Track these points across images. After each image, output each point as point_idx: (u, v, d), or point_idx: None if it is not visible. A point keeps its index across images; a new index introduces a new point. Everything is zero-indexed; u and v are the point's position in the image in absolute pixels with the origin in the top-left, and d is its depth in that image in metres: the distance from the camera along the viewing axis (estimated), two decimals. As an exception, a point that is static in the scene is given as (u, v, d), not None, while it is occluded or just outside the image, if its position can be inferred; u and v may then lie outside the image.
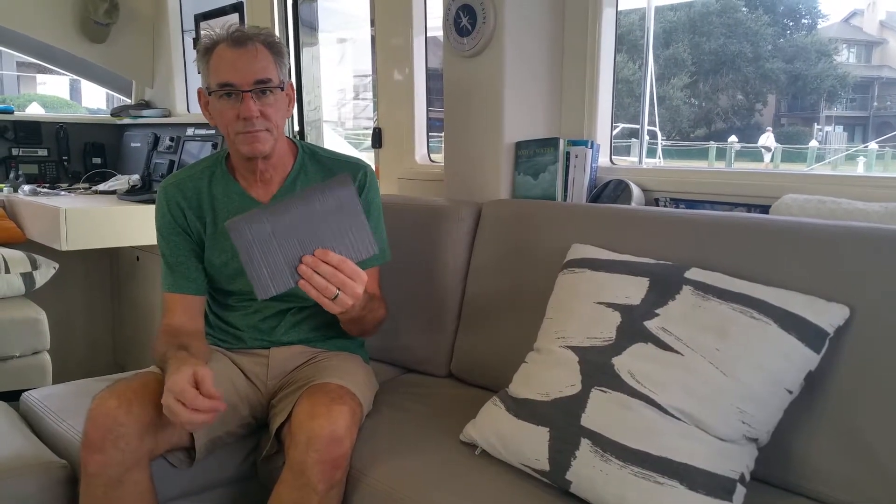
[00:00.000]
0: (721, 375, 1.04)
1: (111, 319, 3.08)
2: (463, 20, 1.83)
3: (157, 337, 1.39)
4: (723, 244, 1.27)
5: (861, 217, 1.25)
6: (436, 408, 1.51)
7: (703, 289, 1.15)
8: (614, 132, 2.03)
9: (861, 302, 1.09)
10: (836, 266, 1.14)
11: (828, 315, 1.07)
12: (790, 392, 1.06)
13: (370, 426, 1.42)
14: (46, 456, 1.33)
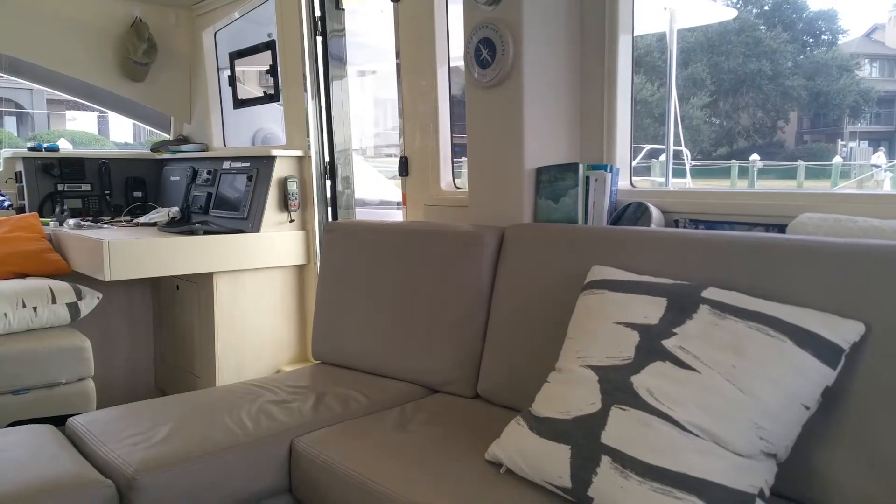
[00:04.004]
0: (738, 392, 1.07)
1: (152, 346, 3.18)
2: (483, 53, 1.90)
3: None
4: (740, 263, 1.30)
5: (877, 235, 1.27)
6: (462, 427, 1.55)
7: (720, 307, 1.18)
8: (640, 154, 2.07)
9: (878, 318, 1.11)
10: (852, 283, 1.16)
11: (843, 331, 1.09)
12: (807, 408, 1.08)
13: (398, 445, 1.47)
14: (93, 475, 1.40)
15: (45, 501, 1.29)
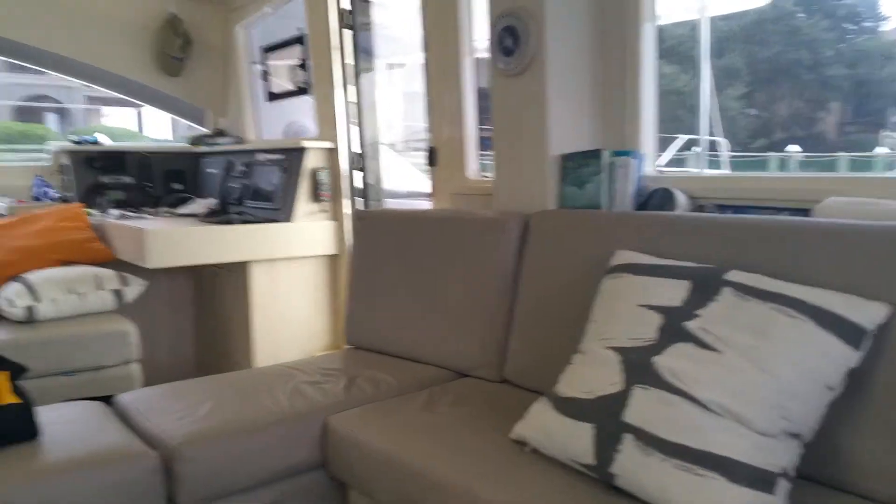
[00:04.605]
0: (759, 372, 1.08)
1: (193, 331, 3.29)
2: (507, 41, 1.93)
3: None
4: (763, 246, 1.31)
5: (903, 218, 1.26)
6: (488, 409, 1.59)
7: (743, 290, 1.19)
8: (676, 145, 2.07)
9: (904, 300, 1.11)
10: (876, 265, 1.16)
11: (866, 313, 1.09)
12: (831, 388, 1.09)
13: (425, 425, 1.51)
14: (140, 446, 1.48)
15: (94, 470, 1.37)
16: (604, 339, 1.30)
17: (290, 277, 2.82)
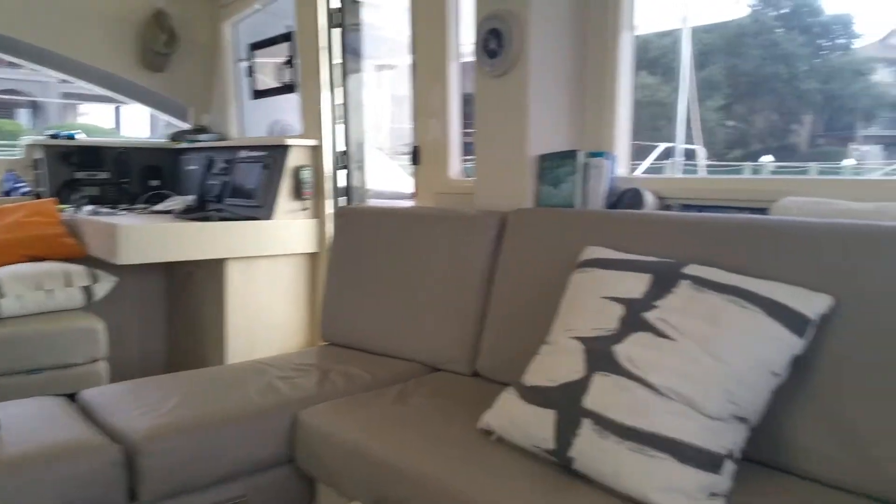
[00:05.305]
0: (711, 359, 1.13)
1: (166, 330, 3.26)
2: (492, 43, 1.97)
3: None
4: (721, 243, 1.36)
5: (853, 216, 1.32)
6: (459, 402, 1.62)
7: (700, 283, 1.24)
8: (655, 153, 2.11)
9: (848, 292, 1.17)
10: (825, 260, 1.22)
11: (811, 303, 1.15)
12: (776, 374, 1.14)
13: (396, 417, 1.53)
14: (102, 440, 1.47)
15: (54, 463, 1.36)
16: (569, 330, 1.34)
17: (269, 275, 2.81)
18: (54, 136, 3.30)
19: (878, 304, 1.14)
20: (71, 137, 3.33)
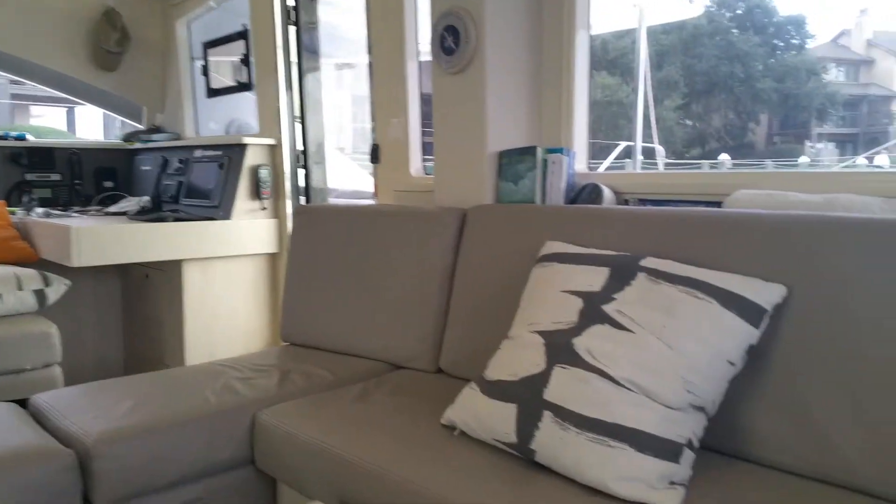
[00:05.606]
0: (667, 349, 1.14)
1: (121, 333, 3.19)
2: (448, 40, 1.96)
3: None
4: (677, 235, 1.38)
5: (803, 207, 1.35)
6: (421, 399, 1.61)
7: (656, 275, 1.25)
8: (617, 152, 2.13)
9: (800, 282, 1.19)
10: (778, 251, 1.24)
11: (765, 293, 1.17)
12: (732, 364, 1.16)
13: (358, 414, 1.51)
14: (53, 445, 1.42)
15: (5, 471, 1.31)
16: (530, 324, 1.34)
17: (227, 276, 2.77)
18: (3, 137, 3.19)
19: (830, 293, 1.17)
20: (21, 138, 3.23)
